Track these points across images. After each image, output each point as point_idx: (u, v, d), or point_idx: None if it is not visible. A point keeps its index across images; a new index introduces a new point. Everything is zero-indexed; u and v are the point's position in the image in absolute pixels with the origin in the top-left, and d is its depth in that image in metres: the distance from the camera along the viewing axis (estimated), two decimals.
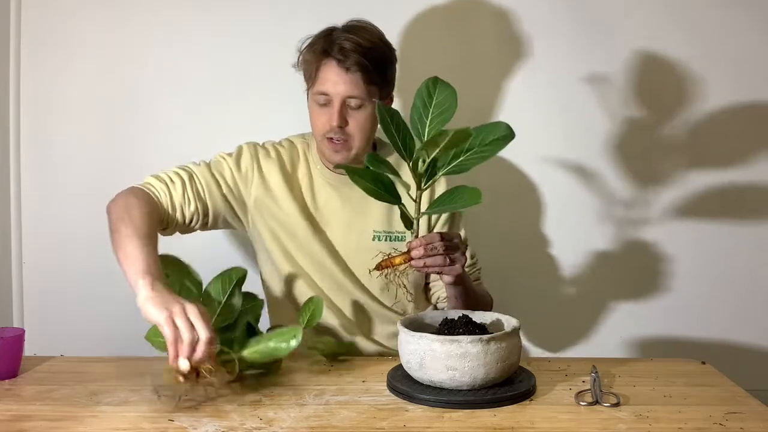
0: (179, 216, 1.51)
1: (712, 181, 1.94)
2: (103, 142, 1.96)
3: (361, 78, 1.47)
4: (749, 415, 1.15)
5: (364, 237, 1.59)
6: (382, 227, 1.59)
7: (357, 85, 1.48)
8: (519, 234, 1.97)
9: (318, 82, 1.50)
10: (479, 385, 1.21)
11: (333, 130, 1.50)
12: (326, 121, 1.50)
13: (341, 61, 1.47)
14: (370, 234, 1.59)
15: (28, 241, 1.99)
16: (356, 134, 1.51)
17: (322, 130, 1.52)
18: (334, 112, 1.49)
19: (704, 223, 1.96)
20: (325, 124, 1.51)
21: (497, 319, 1.33)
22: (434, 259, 1.33)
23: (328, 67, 1.48)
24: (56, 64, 1.95)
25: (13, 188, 1.97)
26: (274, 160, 1.59)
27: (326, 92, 1.49)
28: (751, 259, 1.97)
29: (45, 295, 1.99)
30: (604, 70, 1.92)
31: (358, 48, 1.47)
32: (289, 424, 1.12)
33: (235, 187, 1.56)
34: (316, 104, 1.52)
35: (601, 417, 1.15)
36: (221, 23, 1.94)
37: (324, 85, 1.49)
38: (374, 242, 1.58)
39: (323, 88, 1.49)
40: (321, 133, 1.52)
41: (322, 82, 1.49)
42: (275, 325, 1.54)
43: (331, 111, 1.49)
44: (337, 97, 1.48)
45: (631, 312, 1.99)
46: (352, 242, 1.59)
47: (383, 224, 1.59)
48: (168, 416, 1.15)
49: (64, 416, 1.16)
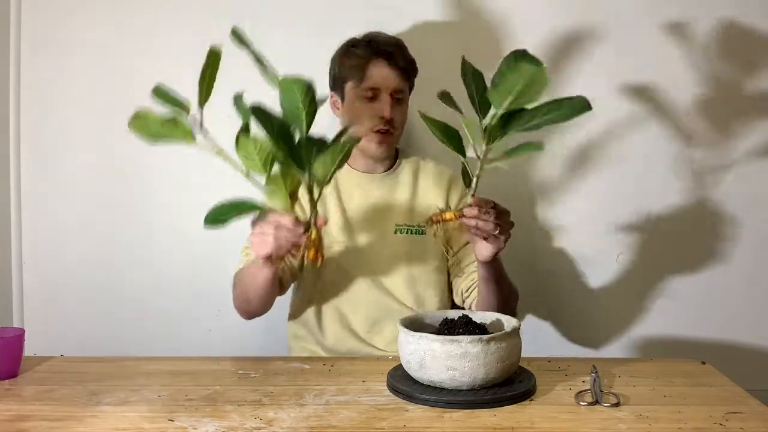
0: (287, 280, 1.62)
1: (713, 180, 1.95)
2: (103, 142, 1.96)
3: (404, 74, 1.65)
4: (749, 415, 1.15)
5: (388, 230, 1.66)
6: (403, 221, 1.67)
7: (402, 81, 1.65)
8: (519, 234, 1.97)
9: (367, 79, 1.62)
10: (479, 385, 1.21)
11: (383, 122, 1.62)
12: (376, 114, 1.62)
13: (390, 60, 1.63)
14: (392, 228, 1.66)
15: (28, 242, 1.99)
16: (399, 126, 1.66)
17: (370, 123, 1.63)
18: (386, 105, 1.62)
19: (704, 223, 1.96)
20: (374, 118, 1.62)
21: (497, 319, 1.33)
22: (486, 223, 1.36)
23: (379, 64, 1.63)
24: (56, 64, 1.95)
25: (13, 188, 1.97)
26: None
27: (377, 87, 1.62)
28: (751, 258, 1.97)
29: (45, 295, 1.99)
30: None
31: (399, 50, 1.66)
32: (289, 424, 1.12)
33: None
34: (363, 100, 1.63)
35: (601, 417, 1.15)
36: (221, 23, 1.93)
37: (374, 81, 1.62)
38: (396, 235, 1.65)
39: (374, 83, 1.62)
40: (369, 126, 1.63)
41: (372, 78, 1.62)
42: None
43: (381, 104, 1.62)
44: (387, 90, 1.62)
45: (631, 312, 1.99)
46: (375, 236, 1.65)
47: (405, 218, 1.67)
48: (168, 416, 1.15)
49: (64, 416, 1.16)
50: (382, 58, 1.62)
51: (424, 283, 1.65)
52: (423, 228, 1.65)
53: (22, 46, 1.95)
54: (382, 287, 1.64)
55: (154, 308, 1.99)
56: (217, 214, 1.27)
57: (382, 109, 1.62)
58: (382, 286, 1.64)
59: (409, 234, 1.66)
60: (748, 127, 1.93)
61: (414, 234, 1.66)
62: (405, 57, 1.65)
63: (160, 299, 1.98)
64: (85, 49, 1.94)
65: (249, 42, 1.29)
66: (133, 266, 1.97)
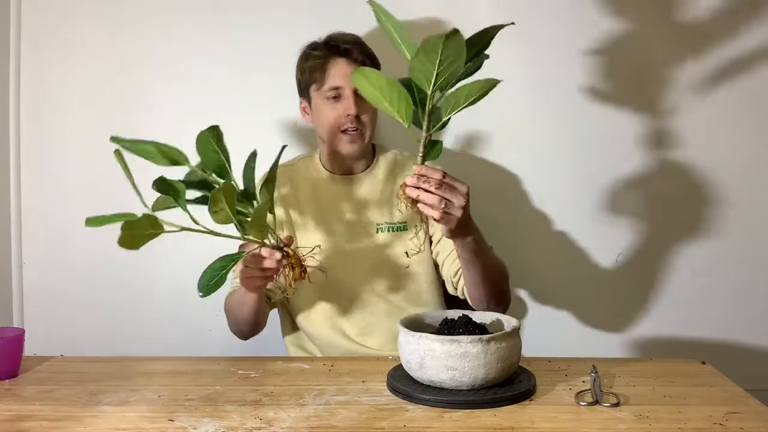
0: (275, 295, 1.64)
1: (712, 181, 1.95)
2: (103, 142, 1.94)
3: None
4: (749, 415, 1.15)
5: (370, 231, 1.65)
6: (384, 219, 1.65)
7: None
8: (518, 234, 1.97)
9: (328, 80, 1.60)
10: (479, 385, 1.21)
11: (349, 120, 1.59)
12: (341, 113, 1.59)
13: (349, 56, 1.60)
14: (374, 227, 1.65)
15: (28, 241, 1.99)
16: (368, 122, 1.62)
17: (336, 123, 1.60)
18: (349, 102, 1.58)
19: (704, 223, 1.96)
20: (339, 117, 1.59)
21: (497, 319, 1.33)
22: (427, 195, 1.26)
23: (337, 63, 1.60)
24: (56, 64, 1.95)
25: (13, 188, 1.97)
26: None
27: (339, 86, 1.59)
28: (751, 258, 1.97)
29: (45, 295, 1.99)
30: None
31: (357, 45, 1.62)
32: (289, 424, 1.12)
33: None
34: (327, 101, 1.61)
35: (601, 417, 1.15)
36: (221, 24, 1.94)
37: (335, 80, 1.59)
38: (378, 234, 1.65)
39: (335, 83, 1.59)
40: (336, 127, 1.60)
41: (332, 78, 1.59)
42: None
43: (345, 103, 1.59)
44: (349, 87, 1.58)
45: (631, 312, 1.99)
46: (358, 237, 1.64)
47: (385, 216, 1.65)
48: (168, 416, 1.15)
49: (64, 416, 1.16)
50: (340, 56, 1.60)
51: (412, 277, 1.64)
52: (405, 223, 1.64)
53: (22, 45, 1.94)
54: (370, 288, 1.64)
55: (154, 308, 1.98)
56: (208, 280, 1.29)
57: (346, 108, 1.58)
58: (370, 287, 1.64)
59: (391, 231, 1.65)
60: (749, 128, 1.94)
61: (396, 231, 1.65)
62: (364, 51, 1.62)
63: (160, 299, 1.98)
64: (85, 49, 1.94)
65: (388, 15, 1.31)
66: (133, 266, 1.96)
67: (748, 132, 1.95)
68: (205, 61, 1.94)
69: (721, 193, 1.95)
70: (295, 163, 1.73)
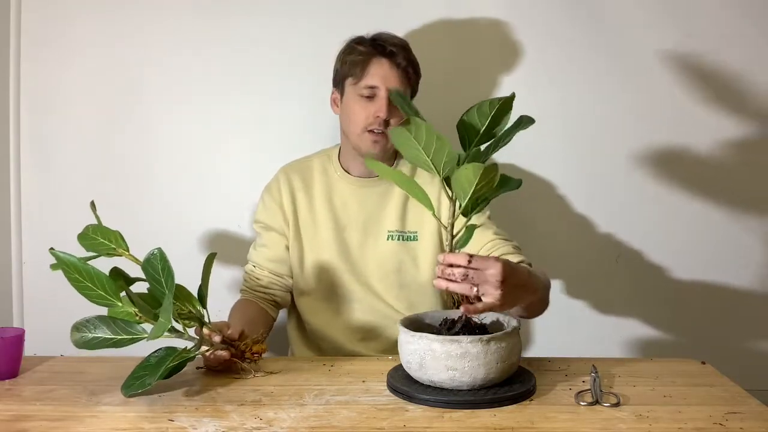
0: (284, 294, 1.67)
1: (712, 181, 1.95)
2: (103, 142, 1.96)
3: (406, 75, 1.60)
4: (749, 415, 1.15)
5: (380, 237, 1.64)
6: (396, 227, 1.64)
7: (403, 82, 1.60)
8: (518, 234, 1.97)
9: (367, 77, 1.58)
10: (479, 385, 1.21)
11: (377, 122, 1.57)
12: (371, 114, 1.58)
13: (393, 59, 1.59)
14: (385, 234, 1.63)
15: (28, 241, 1.99)
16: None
17: (365, 122, 1.58)
18: (382, 104, 1.57)
19: (704, 223, 1.96)
20: (369, 117, 1.58)
21: (497, 319, 1.33)
22: (456, 286, 1.21)
23: (379, 63, 1.59)
24: (56, 64, 1.95)
25: (13, 188, 1.97)
26: (282, 189, 1.67)
27: (376, 85, 1.58)
28: (751, 258, 1.97)
29: (45, 295, 1.99)
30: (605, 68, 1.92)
31: (403, 50, 1.61)
32: (289, 424, 1.12)
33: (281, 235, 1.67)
34: (360, 98, 1.59)
35: (601, 417, 1.15)
36: (221, 24, 1.94)
37: (373, 79, 1.58)
38: (388, 242, 1.63)
39: (372, 81, 1.58)
40: (363, 126, 1.59)
41: (371, 76, 1.58)
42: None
43: (378, 104, 1.57)
44: (385, 89, 1.57)
45: (631, 312, 1.99)
46: (368, 242, 1.64)
47: (397, 224, 1.64)
48: (168, 416, 1.15)
49: (64, 416, 1.16)
50: (384, 56, 1.58)
51: (416, 290, 1.64)
52: (416, 234, 1.63)
53: (22, 46, 1.94)
54: (375, 295, 1.64)
55: None
56: (131, 382, 1.24)
57: (378, 109, 1.57)
58: (375, 294, 1.64)
59: (401, 241, 1.63)
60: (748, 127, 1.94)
61: (406, 240, 1.64)
62: (408, 58, 1.60)
63: None
64: (85, 48, 1.94)
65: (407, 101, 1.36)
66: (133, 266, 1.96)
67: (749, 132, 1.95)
68: (206, 60, 1.93)
69: (721, 193, 1.95)
70: (312, 159, 1.71)
